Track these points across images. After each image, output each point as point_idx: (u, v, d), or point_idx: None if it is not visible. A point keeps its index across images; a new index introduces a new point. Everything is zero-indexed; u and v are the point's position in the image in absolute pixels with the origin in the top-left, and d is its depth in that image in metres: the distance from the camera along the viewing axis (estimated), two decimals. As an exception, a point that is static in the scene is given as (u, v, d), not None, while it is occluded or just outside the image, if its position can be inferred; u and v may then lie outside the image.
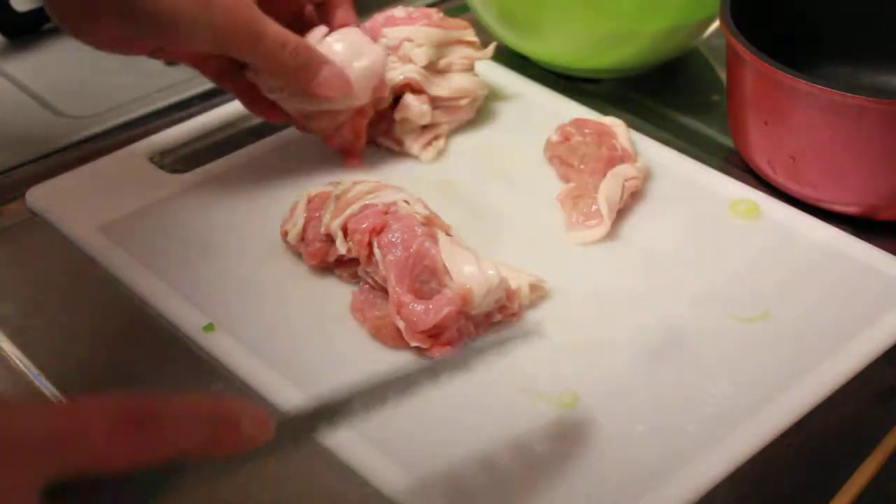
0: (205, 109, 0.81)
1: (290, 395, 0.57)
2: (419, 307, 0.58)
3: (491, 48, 0.78)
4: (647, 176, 0.72)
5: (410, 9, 0.77)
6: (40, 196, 0.72)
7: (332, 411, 0.44)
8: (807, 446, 0.55)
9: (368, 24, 0.77)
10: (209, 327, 0.61)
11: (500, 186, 0.72)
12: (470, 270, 0.59)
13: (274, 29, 0.66)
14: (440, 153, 0.76)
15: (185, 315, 0.62)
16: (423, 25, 0.75)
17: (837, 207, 0.70)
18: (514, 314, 0.61)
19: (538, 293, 0.62)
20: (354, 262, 0.63)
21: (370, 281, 0.63)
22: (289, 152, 0.76)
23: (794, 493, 0.54)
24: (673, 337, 0.61)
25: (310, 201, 0.65)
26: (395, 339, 0.60)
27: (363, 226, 0.61)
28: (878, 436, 0.55)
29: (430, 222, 0.62)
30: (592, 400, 0.57)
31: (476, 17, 0.85)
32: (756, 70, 0.68)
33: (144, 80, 0.85)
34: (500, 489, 0.52)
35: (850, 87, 0.66)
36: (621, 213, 0.69)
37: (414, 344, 0.58)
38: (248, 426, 0.40)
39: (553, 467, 0.53)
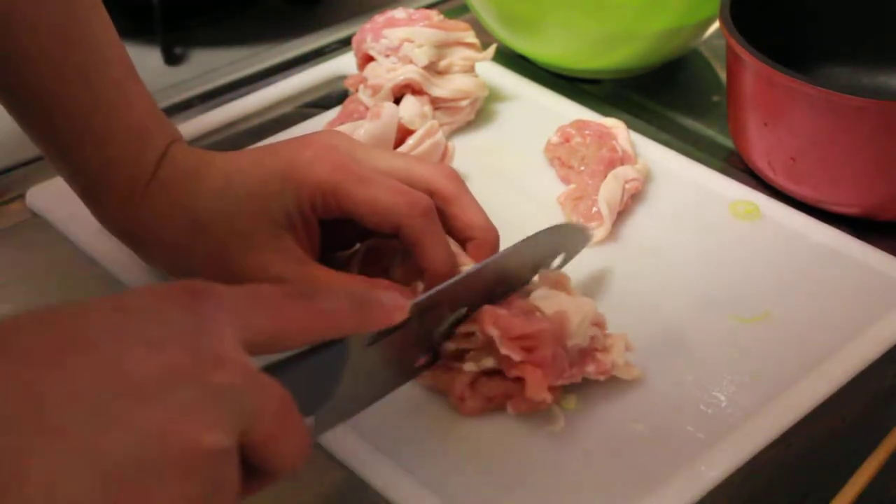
0: (205, 110, 0.80)
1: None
2: (516, 319, 0.53)
3: (491, 50, 0.78)
4: (647, 177, 0.72)
5: (410, 10, 0.77)
6: (40, 196, 0.71)
7: None
8: (807, 446, 0.55)
9: (369, 25, 0.77)
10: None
11: (501, 188, 0.72)
12: (563, 299, 0.55)
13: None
14: (440, 154, 0.76)
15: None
16: (424, 27, 0.75)
17: (837, 208, 0.70)
18: (604, 371, 0.56)
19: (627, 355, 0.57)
20: None
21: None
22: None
23: (795, 493, 0.54)
24: (673, 337, 0.61)
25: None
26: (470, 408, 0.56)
27: None
28: (878, 436, 0.55)
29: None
30: (593, 400, 0.57)
31: (476, 18, 0.86)
32: (756, 70, 0.68)
33: (144, 81, 0.85)
34: (499, 490, 0.52)
35: (850, 87, 0.66)
36: (621, 215, 0.69)
37: (504, 353, 0.53)
38: (388, 300, 0.44)
39: (554, 468, 0.53)
